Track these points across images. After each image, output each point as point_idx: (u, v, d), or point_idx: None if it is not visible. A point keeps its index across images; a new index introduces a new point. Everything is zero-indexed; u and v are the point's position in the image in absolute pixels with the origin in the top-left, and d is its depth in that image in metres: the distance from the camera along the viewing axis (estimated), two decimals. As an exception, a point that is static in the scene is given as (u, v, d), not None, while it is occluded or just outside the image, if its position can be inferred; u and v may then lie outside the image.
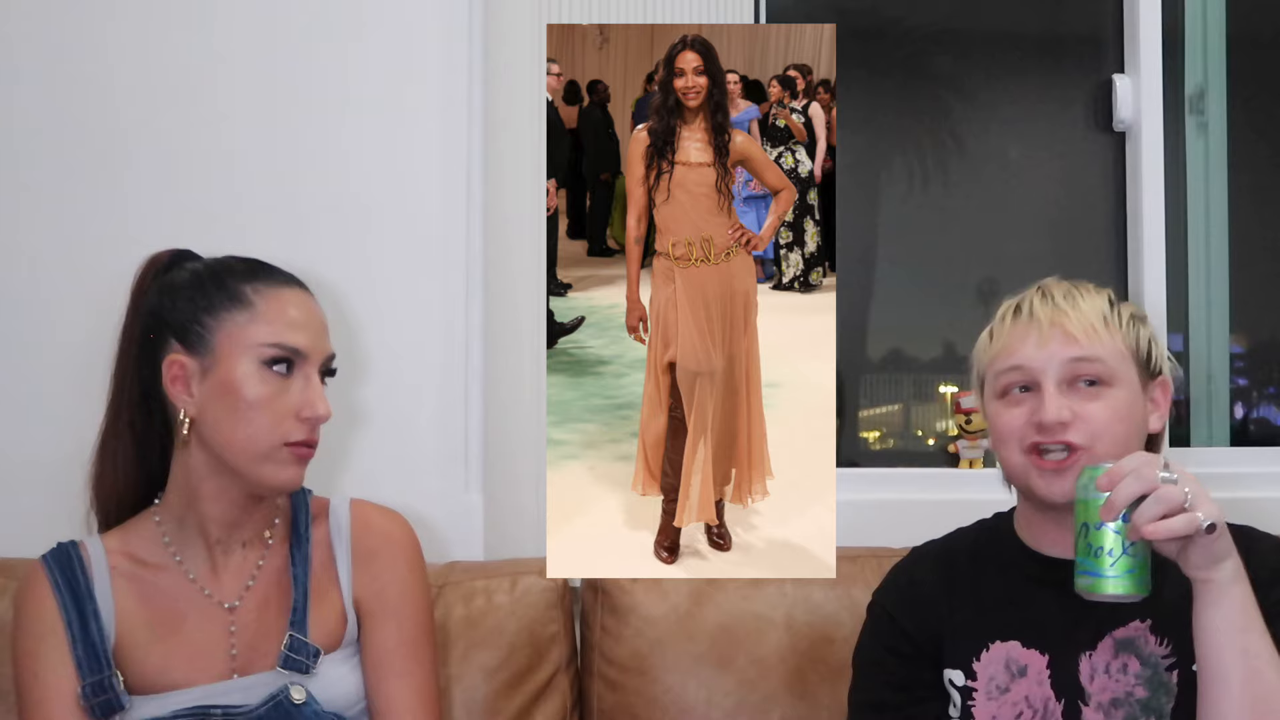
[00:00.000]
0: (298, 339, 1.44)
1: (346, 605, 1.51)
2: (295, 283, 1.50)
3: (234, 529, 1.50)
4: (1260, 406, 2.67)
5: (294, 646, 1.46)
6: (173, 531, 1.50)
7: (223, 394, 1.42)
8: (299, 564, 1.51)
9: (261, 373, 1.42)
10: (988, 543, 1.56)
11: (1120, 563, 1.29)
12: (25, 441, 2.04)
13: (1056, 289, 1.49)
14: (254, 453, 1.42)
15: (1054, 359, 1.43)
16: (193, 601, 1.48)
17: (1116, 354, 1.45)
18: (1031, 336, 1.45)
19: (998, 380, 1.47)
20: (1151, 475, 1.26)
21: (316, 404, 1.43)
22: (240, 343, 1.42)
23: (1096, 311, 1.46)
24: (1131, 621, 1.44)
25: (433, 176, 2.10)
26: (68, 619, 1.44)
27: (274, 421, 1.42)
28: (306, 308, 1.48)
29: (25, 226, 2.07)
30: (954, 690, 1.48)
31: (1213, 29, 2.56)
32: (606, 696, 1.92)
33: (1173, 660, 1.42)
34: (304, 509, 1.55)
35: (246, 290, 1.45)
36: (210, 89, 2.09)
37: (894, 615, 1.53)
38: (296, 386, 1.43)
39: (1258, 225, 2.61)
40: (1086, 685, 1.43)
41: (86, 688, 1.41)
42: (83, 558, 1.48)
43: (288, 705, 1.43)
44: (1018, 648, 1.46)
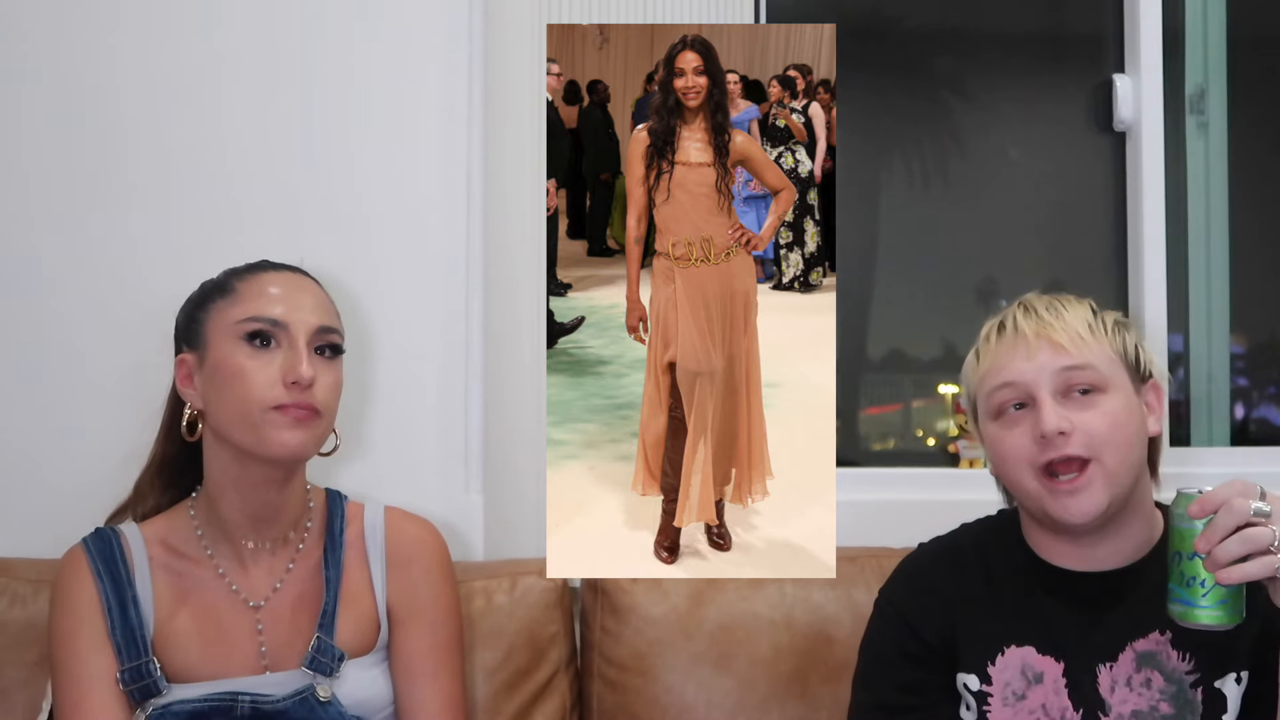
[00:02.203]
0: (273, 310, 1.47)
1: (380, 611, 1.56)
2: (287, 269, 1.54)
3: (260, 525, 1.52)
4: (1260, 406, 2.67)
5: (320, 649, 1.49)
6: (205, 525, 1.54)
7: (215, 376, 1.47)
8: (332, 567, 1.54)
9: (244, 348, 1.46)
10: (996, 544, 1.53)
11: (1213, 593, 1.28)
12: (26, 442, 2.04)
13: (1038, 302, 1.47)
14: (247, 420, 1.45)
15: (1045, 370, 1.41)
16: (224, 596, 1.51)
17: (1106, 360, 1.43)
18: (1019, 350, 1.43)
19: (990, 399, 1.45)
20: (1244, 509, 1.24)
21: (298, 366, 1.44)
22: (223, 325, 1.48)
23: (1081, 320, 1.44)
24: (1151, 634, 1.42)
25: (433, 176, 2.10)
26: (107, 604, 1.47)
27: (261, 388, 1.44)
28: (291, 284, 1.52)
29: (28, 227, 2.07)
30: (969, 694, 1.46)
31: (1213, 29, 2.56)
32: (606, 697, 1.92)
33: (1196, 676, 1.41)
34: (339, 514, 1.59)
35: (234, 280, 1.52)
36: (210, 89, 2.09)
37: (905, 615, 1.51)
38: (280, 356, 1.46)
39: (1258, 225, 2.61)
40: (1107, 697, 1.42)
41: (125, 673, 1.44)
42: (123, 545, 1.51)
43: (313, 701, 1.47)
44: (1033, 653, 1.44)
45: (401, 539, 1.60)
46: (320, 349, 1.49)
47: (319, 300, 1.53)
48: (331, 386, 1.49)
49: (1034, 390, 1.41)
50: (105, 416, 1.98)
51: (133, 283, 2.03)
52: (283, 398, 1.44)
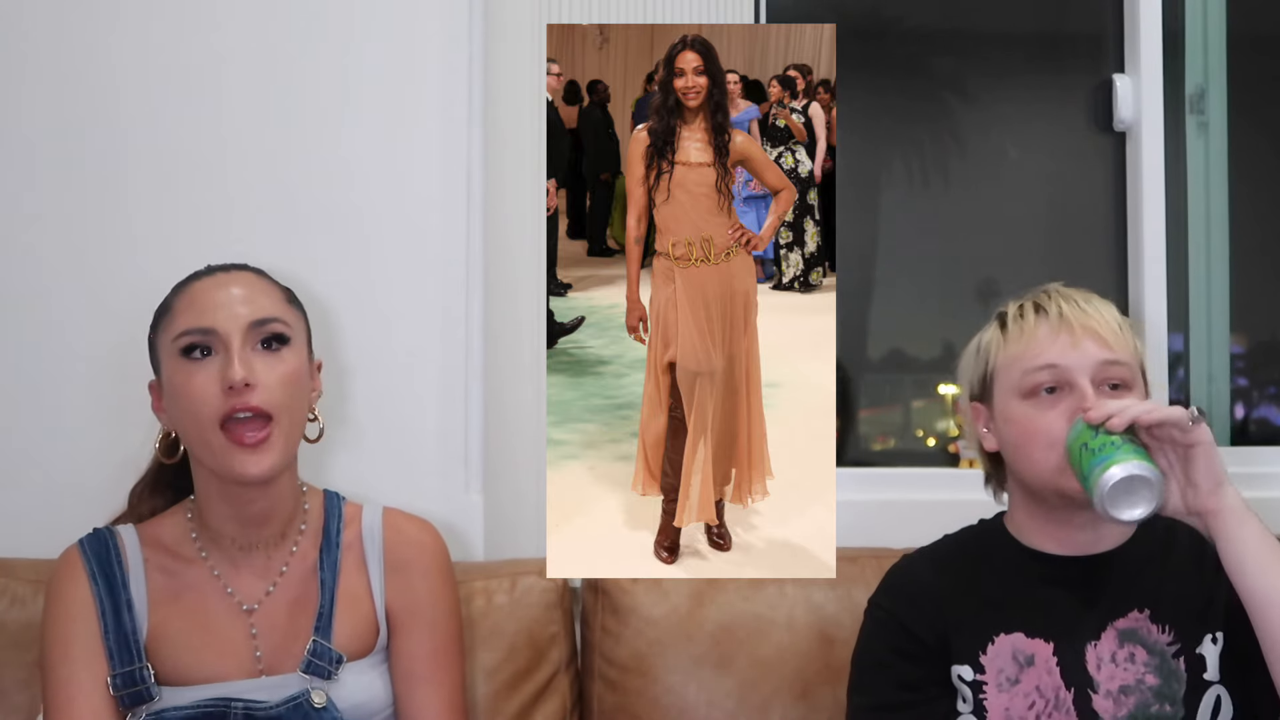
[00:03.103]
0: (203, 320, 1.44)
1: (378, 613, 1.54)
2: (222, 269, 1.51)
3: (250, 529, 1.51)
4: (1260, 406, 2.67)
5: (317, 652, 1.48)
6: (200, 529, 1.53)
7: (169, 397, 1.47)
8: (327, 569, 1.52)
9: (183, 364, 1.44)
10: (981, 544, 1.58)
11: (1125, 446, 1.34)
12: (26, 442, 2.04)
13: (1073, 293, 1.52)
14: (202, 441, 1.43)
15: (1088, 359, 1.45)
16: (219, 599, 1.50)
17: (1134, 359, 1.49)
18: (1063, 337, 1.47)
19: (1025, 379, 1.48)
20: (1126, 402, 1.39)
21: (228, 370, 1.41)
22: (165, 345, 1.47)
23: (1114, 316, 1.50)
24: (1131, 612, 1.47)
25: (433, 176, 2.10)
26: (101, 608, 1.46)
27: (202, 402, 1.42)
28: (219, 286, 1.47)
29: (28, 227, 2.07)
30: (963, 685, 1.49)
31: (1213, 29, 2.56)
32: (607, 697, 1.91)
33: (1178, 646, 1.46)
34: (336, 515, 1.57)
35: (171, 298, 1.50)
36: (208, 89, 2.09)
37: (897, 615, 1.54)
38: (218, 363, 1.43)
39: (1258, 225, 2.61)
40: (1094, 674, 1.46)
41: (117, 678, 1.43)
42: (119, 547, 1.50)
43: (307, 708, 1.45)
44: (1022, 638, 1.48)
45: (400, 541, 1.58)
46: (265, 342, 1.44)
47: (251, 292, 1.47)
48: (281, 381, 1.43)
49: (1075, 377, 1.45)
50: (105, 417, 1.98)
51: (133, 283, 2.02)
52: (223, 406, 1.40)
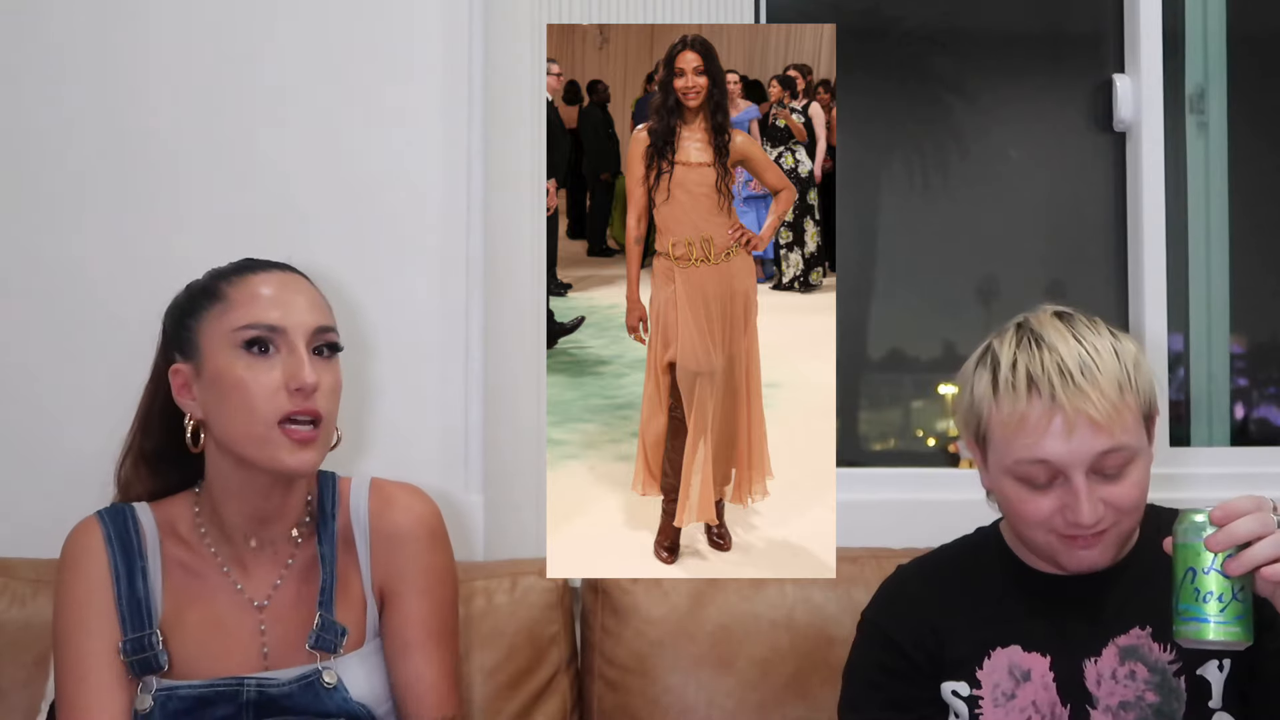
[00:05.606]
0: (270, 315, 1.43)
1: (366, 591, 1.52)
2: (277, 267, 1.50)
3: (262, 524, 1.51)
4: (1260, 406, 2.67)
5: (324, 626, 1.47)
6: (208, 524, 1.52)
7: (214, 387, 1.44)
8: (326, 543, 1.52)
9: (243, 357, 1.42)
10: (976, 556, 1.55)
11: (1230, 609, 1.26)
12: (26, 442, 2.04)
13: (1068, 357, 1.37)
14: (254, 435, 1.42)
15: (1081, 452, 1.35)
16: (229, 595, 1.50)
17: (1136, 425, 1.38)
18: (1055, 425, 1.35)
19: (1017, 468, 1.39)
20: (1269, 520, 1.23)
21: (300, 372, 1.41)
22: (218, 334, 1.44)
23: (1113, 383, 1.36)
24: (1132, 629, 1.44)
25: (433, 176, 2.10)
26: (116, 573, 1.45)
27: (264, 399, 1.41)
28: (283, 285, 1.47)
29: (27, 227, 2.07)
30: (959, 701, 1.47)
31: (1213, 29, 2.56)
32: (607, 697, 1.92)
33: (1179, 665, 1.43)
34: (330, 490, 1.56)
35: (222, 285, 1.48)
36: (209, 90, 2.09)
37: (888, 632, 1.51)
38: (280, 361, 1.43)
39: (1258, 225, 2.61)
40: (1093, 690, 1.44)
41: (127, 643, 1.43)
42: (136, 519, 1.50)
43: (319, 687, 1.45)
44: (1019, 652, 1.46)
45: (387, 508, 1.55)
46: (319, 349, 1.46)
47: (313, 299, 1.48)
48: (332, 388, 1.46)
49: (1069, 472, 1.36)
50: (105, 417, 1.97)
51: (133, 283, 2.03)
52: (286, 406, 1.41)
